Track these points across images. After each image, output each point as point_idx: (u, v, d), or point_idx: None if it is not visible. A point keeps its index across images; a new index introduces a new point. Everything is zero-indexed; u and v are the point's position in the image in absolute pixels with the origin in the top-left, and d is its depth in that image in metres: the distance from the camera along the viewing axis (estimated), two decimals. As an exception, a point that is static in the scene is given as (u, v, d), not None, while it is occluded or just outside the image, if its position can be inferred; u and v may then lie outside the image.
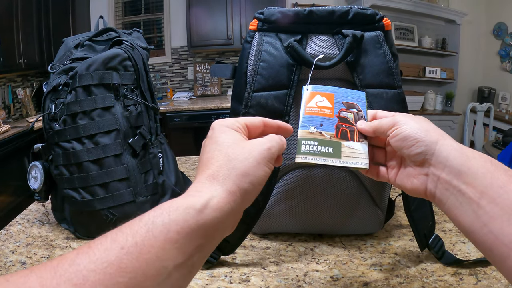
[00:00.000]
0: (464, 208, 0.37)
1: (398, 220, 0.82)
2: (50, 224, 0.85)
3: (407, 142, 0.42)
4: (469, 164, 0.37)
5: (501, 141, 3.03)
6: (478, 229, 0.35)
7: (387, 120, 0.45)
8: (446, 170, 0.39)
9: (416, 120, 0.43)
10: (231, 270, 0.65)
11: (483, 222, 0.34)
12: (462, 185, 0.37)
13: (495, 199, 0.34)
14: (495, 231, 0.33)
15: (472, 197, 0.36)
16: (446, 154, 0.39)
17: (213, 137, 0.40)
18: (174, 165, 0.87)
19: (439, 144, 0.40)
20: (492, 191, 0.34)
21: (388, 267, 0.65)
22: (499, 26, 4.24)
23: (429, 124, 0.43)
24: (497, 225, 0.33)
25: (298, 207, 0.69)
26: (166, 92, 4.26)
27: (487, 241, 0.34)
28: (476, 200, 0.35)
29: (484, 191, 0.35)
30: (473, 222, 0.36)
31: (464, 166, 0.37)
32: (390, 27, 0.64)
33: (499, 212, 0.33)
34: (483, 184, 0.35)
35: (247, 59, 0.65)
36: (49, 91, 0.76)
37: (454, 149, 0.39)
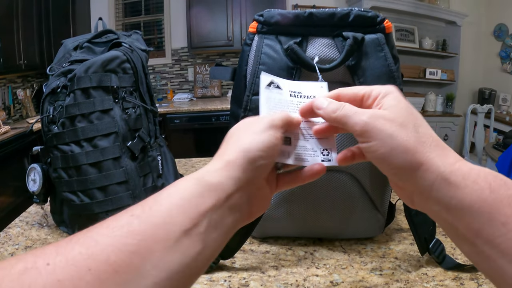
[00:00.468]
0: (459, 240, 0.32)
1: (398, 224, 0.82)
2: (49, 227, 0.85)
3: (383, 165, 0.34)
4: (460, 196, 0.30)
5: (502, 143, 3.02)
6: (476, 262, 0.31)
7: (355, 120, 0.35)
8: (431, 201, 0.32)
9: (393, 129, 0.33)
10: (230, 275, 0.64)
11: (481, 258, 0.30)
12: (453, 220, 0.31)
13: (494, 239, 0.28)
14: (496, 270, 0.29)
15: (466, 234, 0.30)
16: (430, 184, 0.32)
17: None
18: (174, 168, 0.87)
19: (421, 171, 0.32)
20: (491, 229, 0.28)
21: (388, 271, 0.64)
22: (500, 27, 4.23)
23: (408, 133, 0.33)
24: (497, 265, 0.28)
25: (298, 211, 0.69)
26: (166, 93, 4.25)
27: (487, 274, 0.30)
28: (471, 238, 0.30)
29: (481, 230, 0.29)
30: (469, 254, 0.31)
31: (454, 198, 0.30)
32: (391, 29, 0.63)
33: (499, 253, 0.28)
34: (480, 220, 0.29)
35: (246, 62, 0.64)
36: (48, 93, 0.75)
37: (439, 176, 0.31)
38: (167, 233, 0.28)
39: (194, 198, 0.30)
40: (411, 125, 0.34)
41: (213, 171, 0.33)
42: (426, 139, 0.33)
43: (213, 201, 0.31)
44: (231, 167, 0.33)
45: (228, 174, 0.33)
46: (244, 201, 0.35)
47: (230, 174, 0.33)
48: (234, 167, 0.33)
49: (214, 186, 0.32)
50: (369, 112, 0.35)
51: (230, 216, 0.33)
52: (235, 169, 0.33)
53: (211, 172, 0.33)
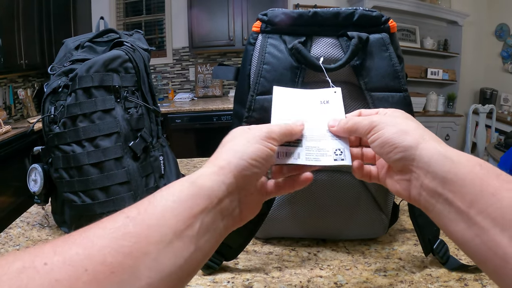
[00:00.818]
0: (453, 218, 0.33)
1: (402, 224, 0.81)
2: (50, 227, 0.84)
3: (385, 148, 0.38)
4: (455, 170, 0.33)
5: (504, 143, 3.02)
6: (470, 240, 0.32)
7: (364, 123, 0.41)
8: (429, 177, 0.35)
9: (395, 122, 0.39)
10: (234, 276, 0.64)
11: (474, 233, 0.31)
12: (448, 193, 0.33)
13: (486, 209, 0.30)
14: (488, 243, 0.30)
15: (461, 206, 0.32)
16: (428, 159, 0.35)
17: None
18: (176, 168, 0.86)
19: (420, 148, 0.36)
20: (483, 200, 0.31)
21: (392, 272, 0.64)
22: (501, 27, 4.22)
23: (408, 125, 0.39)
24: (489, 236, 0.30)
25: (302, 211, 0.68)
26: (168, 93, 4.25)
27: (480, 252, 0.31)
28: (465, 210, 0.32)
29: (474, 200, 0.31)
30: (464, 233, 0.32)
31: (450, 172, 0.34)
32: (395, 29, 0.63)
33: (491, 222, 0.30)
34: (472, 192, 0.32)
35: (250, 62, 0.64)
36: (49, 93, 0.75)
37: (437, 153, 0.35)
38: (161, 235, 0.28)
39: (187, 200, 0.31)
40: (411, 123, 0.39)
41: (206, 175, 0.35)
42: (424, 131, 0.38)
43: (205, 204, 0.32)
44: (224, 173, 0.35)
45: (220, 179, 0.35)
46: (235, 205, 0.36)
47: (222, 179, 0.35)
48: (226, 173, 0.35)
49: (206, 190, 0.33)
50: (376, 115, 0.42)
51: (222, 220, 0.34)
52: (227, 175, 0.35)
53: (204, 175, 0.35)
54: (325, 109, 0.46)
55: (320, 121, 0.45)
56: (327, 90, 0.47)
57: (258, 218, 0.62)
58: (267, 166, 0.39)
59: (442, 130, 4.23)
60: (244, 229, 0.63)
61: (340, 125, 0.44)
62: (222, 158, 0.36)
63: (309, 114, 0.46)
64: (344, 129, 0.43)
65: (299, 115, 0.46)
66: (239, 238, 0.63)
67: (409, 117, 0.41)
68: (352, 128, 0.42)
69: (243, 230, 0.63)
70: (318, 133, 0.44)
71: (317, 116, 0.46)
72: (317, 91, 0.47)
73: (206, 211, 0.32)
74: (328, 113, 0.46)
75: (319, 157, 0.42)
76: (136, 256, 0.26)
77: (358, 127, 0.41)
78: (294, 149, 0.43)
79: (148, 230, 0.28)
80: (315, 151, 0.43)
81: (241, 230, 0.63)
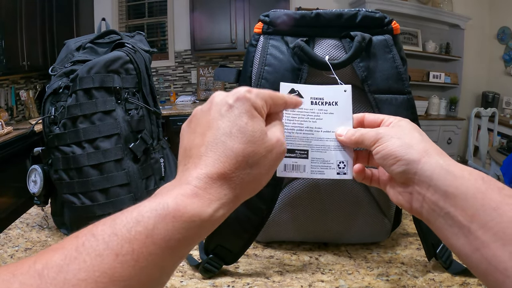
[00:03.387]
0: (454, 231, 0.33)
1: (404, 228, 0.80)
2: (50, 229, 0.84)
3: (388, 161, 0.39)
4: (457, 184, 0.33)
5: (506, 146, 3.00)
6: (470, 254, 0.32)
7: (370, 134, 0.41)
8: (430, 190, 0.36)
9: (400, 135, 0.39)
10: (234, 280, 0.63)
11: (475, 247, 0.31)
12: (450, 207, 0.34)
13: (487, 223, 0.30)
14: (489, 257, 0.30)
15: (462, 221, 0.32)
16: (430, 173, 0.35)
17: (235, 115, 0.33)
18: (176, 170, 0.86)
19: (422, 162, 0.36)
20: (484, 214, 0.31)
21: (395, 277, 0.63)
22: (503, 30, 4.22)
23: (413, 138, 0.39)
24: (490, 251, 0.30)
25: (303, 215, 0.68)
26: (169, 95, 4.26)
27: (481, 266, 0.31)
28: (467, 224, 0.32)
29: (475, 215, 0.31)
30: (464, 246, 0.32)
31: (451, 186, 0.34)
32: (398, 30, 0.62)
33: (492, 237, 0.30)
34: (474, 206, 0.32)
35: (251, 63, 0.63)
36: (50, 93, 0.75)
37: (439, 167, 0.35)
38: (154, 275, 0.27)
39: (195, 241, 0.29)
40: (416, 135, 0.40)
41: (222, 214, 0.31)
42: (428, 144, 0.38)
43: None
44: (236, 205, 0.33)
45: (229, 213, 0.33)
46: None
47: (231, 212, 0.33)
48: (239, 203, 0.33)
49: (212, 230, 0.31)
50: (381, 127, 0.42)
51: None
52: (238, 204, 0.34)
53: (219, 215, 0.31)
54: (333, 111, 0.45)
55: (328, 125, 0.45)
56: (336, 87, 0.46)
57: (259, 222, 0.62)
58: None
59: (444, 134, 4.22)
60: (244, 233, 0.62)
61: (347, 135, 0.44)
62: (243, 185, 0.32)
63: (317, 116, 0.45)
64: (351, 140, 0.44)
65: (307, 116, 0.45)
66: (239, 242, 0.63)
67: (414, 128, 0.41)
68: (358, 140, 0.43)
69: (244, 234, 0.62)
70: (325, 141, 0.45)
71: (325, 119, 0.45)
72: (326, 88, 0.46)
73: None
74: (337, 116, 0.45)
75: (324, 170, 0.44)
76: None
77: (364, 138, 0.42)
78: (301, 161, 0.44)
79: (141, 273, 0.26)
80: (320, 163, 0.44)
81: (241, 233, 0.63)
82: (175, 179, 0.32)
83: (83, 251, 0.24)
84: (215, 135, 0.32)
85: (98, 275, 0.23)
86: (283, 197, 0.67)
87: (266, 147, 0.34)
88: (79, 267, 0.23)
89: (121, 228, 0.26)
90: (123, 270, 0.24)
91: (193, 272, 0.65)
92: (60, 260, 0.24)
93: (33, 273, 0.23)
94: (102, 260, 0.24)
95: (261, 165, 0.33)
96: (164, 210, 0.27)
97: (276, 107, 0.38)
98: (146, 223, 0.26)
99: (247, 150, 0.32)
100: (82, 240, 0.25)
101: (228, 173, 0.31)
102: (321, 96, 0.45)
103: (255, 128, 0.33)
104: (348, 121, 0.45)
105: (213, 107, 0.34)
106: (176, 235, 0.27)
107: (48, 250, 0.25)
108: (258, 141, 0.33)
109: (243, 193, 0.33)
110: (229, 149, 0.32)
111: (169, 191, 0.30)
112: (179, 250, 0.28)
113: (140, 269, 0.25)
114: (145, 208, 0.27)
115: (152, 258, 0.26)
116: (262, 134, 0.34)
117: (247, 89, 0.35)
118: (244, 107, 0.34)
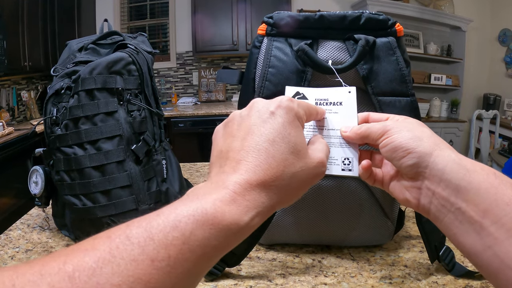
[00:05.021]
0: (465, 228, 0.32)
1: (407, 231, 0.80)
2: (51, 230, 0.84)
3: (398, 153, 0.37)
4: (470, 178, 0.32)
5: (507, 149, 2.99)
6: (481, 252, 0.31)
7: (377, 127, 0.40)
8: (442, 185, 0.34)
9: (409, 128, 0.38)
10: (236, 283, 0.63)
11: (487, 244, 0.30)
12: (462, 202, 0.32)
13: (500, 219, 0.29)
14: (501, 255, 0.29)
15: (474, 216, 0.31)
16: (442, 167, 0.34)
17: (278, 123, 0.33)
18: (178, 172, 0.85)
19: (434, 156, 0.35)
20: (497, 209, 0.30)
21: (398, 280, 0.63)
22: (504, 32, 4.21)
23: (423, 131, 0.38)
24: (503, 248, 0.29)
25: (306, 217, 0.67)
26: (171, 97, 4.26)
27: (492, 264, 0.30)
28: (479, 220, 0.31)
29: (488, 210, 0.30)
30: (475, 244, 0.31)
31: (464, 180, 0.32)
32: (402, 33, 0.62)
33: (506, 233, 0.29)
34: (486, 201, 0.31)
35: (255, 65, 0.63)
36: (51, 94, 0.74)
37: (451, 160, 0.34)
38: (187, 282, 0.26)
39: (229, 247, 0.29)
40: (426, 129, 0.38)
41: (258, 222, 0.31)
42: (438, 139, 0.37)
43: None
44: (271, 213, 0.33)
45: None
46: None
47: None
48: (273, 212, 0.33)
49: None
50: (388, 121, 0.41)
51: None
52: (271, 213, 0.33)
53: (256, 222, 0.30)
54: (338, 110, 0.45)
55: (332, 123, 0.44)
56: (341, 89, 0.46)
57: (262, 225, 0.61)
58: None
59: (445, 136, 4.21)
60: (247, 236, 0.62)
61: (352, 131, 0.42)
62: (280, 194, 0.32)
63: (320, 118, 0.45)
64: (356, 134, 0.41)
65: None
66: (242, 244, 0.62)
67: (423, 125, 0.39)
68: (364, 134, 0.40)
69: (247, 237, 0.62)
70: (329, 139, 0.43)
71: (330, 118, 0.45)
72: (330, 90, 0.46)
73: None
74: (341, 115, 0.45)
75: (328, 166, 0.42)
76: None
77: (371, 132, 0.40)
78: None
79: (176, 280, 0.25)
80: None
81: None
82: (209, 181, 0.31)
83: (117, 254, 0.23)
84: (256, 141, 0.32)
85: (132, 280, 0.23)
86: (286, 200, 0.66)
87: (307, 162, 0.33)
88: (113, 271, 0.23)
89: (158, 233, 0.25)
90: (159, 277, 0.24)
91: (195, 275, 0.65)
92: (93, 263, 0.23)
93: (63, 275, 0.22)
94: (137, 266, 0.23)
95: (298, 179, 0.33)
96: (203, 217, 0.26)
97: (311, 117, 0.39)
98: (183, 229, 0.25)
99: (289, 161, 0.32)
100: (116, 243, 0.24)
101: (268, 182, 0.30)
102: (326, 97, 0.45)
103: (298, 140, 0.33)
104: (353, 120, 0.44)
105: (254, 113, 0.34)
106: (213, 242, 0.26)
107: (77, 249, 0.24)
108: (300, 154, 0.33)
109: (279, 203, 0.32)
110: (272, 157, 0.31)
111: (205, 194, 0.29)
112: (213, 257, 0.27)
113: (176, 276, 0.25)
114: (183, 213, 0.26)
115: (188, 265, 0.25)
116: (304, 147, 0.34)
117: (290, 98, 0.35)
118: (288, 116, 0.33)
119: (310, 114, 0.38)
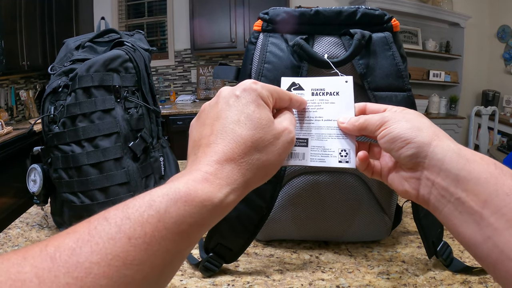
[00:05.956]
0: (464, 218, 0.32)
1: (405, 226, 0.80)
2: (49, 228, 0.84)
3: (396, 143, 0.37)
4: (469, 168, 0.32)
5: (506, 145, 3.00)
6: (481, 242, 0.31)
7: (375, 118, 0.39)
8: (441, 175, 0.34)
9: (408, 118, 0.38)
10: (234, 279, 0.63)
11: (486, 234, 0.30)
12: (461, 192, 0.32)
13: (500, 209, 0.29)
14: (501, 245, 0.29)
15: (474, 206, 0.31)
16: (441, 157, 0.34)
17: (242, 104, 0.35)
18: (176, 169, 0.85)
19: (433, 145, 0.35)
20: (497, 199, 0.30)
21: (395, 275, 0.63)
22: (503, 29, 4.21)
23: (422, 122, 0.37)
24: (503, 238, 0.29)
25: (304, 213, 0.67)
26: (169, 95, 4.26)
27: (491, 255, 0.30)
28: (478, 210, 0.31)
29: (488, 200, 0.30)
30: (475, 234, 0.31)
31: (463, 170, 0.32)
32: (398, 28, 0.62)
33: (506, 223, 0.29)
34: (486, 191, 0.30)
35: (251, 61, 0.63)
36: (49, 92, 0.74)
37: (451, 150, 0.34)
38: (166, 260, 0.27)
39: (205, 225, 0.30)
40: (425, 120, 0.38)
41: (233, 199, 0.32)
42: (437, 129, 0.37)
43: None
44: (247, 191, 0.34)
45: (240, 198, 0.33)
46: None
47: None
48: (250, 190, 0.34)
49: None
50: (386, 111, 0.40)
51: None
52: (248, 191, 0.34)
53: (231, 200, 0.32)
54: (334, 100, 0.44)
55: (329, 114, 0.44)
56: (337, 78, 0.45)
57: (259, 221, 0.62)
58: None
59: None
60: (244, 231, 0.62)
61: (350, 122, 0.41)
62: (252, 169, 0.33)
63: (318, 106, 0.44)
64: (354, 126, 0.41)
65: (308, 106, 0.45)
66: (239, 240, 0.62)
67: (422, 115, 0.39)
68: (362, 125, 0.40)
69: (244, 232, 0.62)
70: (325, 130, 0.43)
71: (326, 108, 0.44)
72: (327, 79, 0.45)
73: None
74: (338, 105, 0.44)
75: (324, 158, 0.42)
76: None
77: (369, 123, 0.39)
78: (299, 149, 0.42)
79: (154, 257, 0.26)
80: (320, 151, 0.42)
81: (241, 232, 0.63)
82: (185, 169, 0.33)
83: (96, 234, 0.24)
84: (223, 124, 0.34)
85: (110, 258, 0.23)
86: (283, 195, 0.67)
87: (274, 134, 0.35)
88: (92, 250, 0.23)
89: (134, 212, 0.26)
90: (136, 254, 0.24)
91: (193, 271, 0.65)
92: (73, 243, 0.24)
93: (44, 256, 0.23)
94: (115, 244, 0.24)
95: (269, 152, 0.34)
96: (176, 195, 0.28)
97: (282, 102, 0.39)
98: (158, 207, 0.27)
99: (255, 136, 0.33)
100: (94, 224, 0.25)
101: (237, 158, 0.32)
102: (322, 87, 0.45)
103: (262, 116, 0.34)
104: (350, 110, 0.43)
105: (221, 100, 0.36)
106: (188, 219, 0.27)
107: (60, 234, 0.25)
108: (265, 128, 0.34)
109: (253, 179, 0.33)
110: (238, 135, 0.33)
111: (179, 177, 0.30)
112: (190, 234, 0.28)
113: (153, 253, 0.25)
114: (157, 193, 0.28)
115: (165, 242, 0.26)
116: (269, 121, 0.35)
117: (253, 81, 0.36)
118: (250, 96, 0.35)
119: (279, 98, 0.38)
